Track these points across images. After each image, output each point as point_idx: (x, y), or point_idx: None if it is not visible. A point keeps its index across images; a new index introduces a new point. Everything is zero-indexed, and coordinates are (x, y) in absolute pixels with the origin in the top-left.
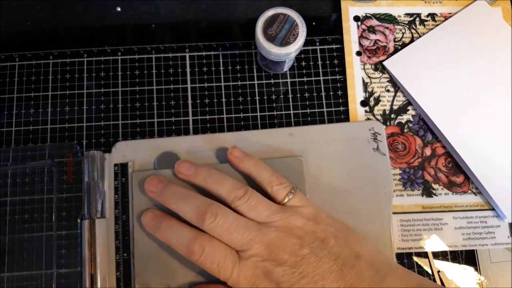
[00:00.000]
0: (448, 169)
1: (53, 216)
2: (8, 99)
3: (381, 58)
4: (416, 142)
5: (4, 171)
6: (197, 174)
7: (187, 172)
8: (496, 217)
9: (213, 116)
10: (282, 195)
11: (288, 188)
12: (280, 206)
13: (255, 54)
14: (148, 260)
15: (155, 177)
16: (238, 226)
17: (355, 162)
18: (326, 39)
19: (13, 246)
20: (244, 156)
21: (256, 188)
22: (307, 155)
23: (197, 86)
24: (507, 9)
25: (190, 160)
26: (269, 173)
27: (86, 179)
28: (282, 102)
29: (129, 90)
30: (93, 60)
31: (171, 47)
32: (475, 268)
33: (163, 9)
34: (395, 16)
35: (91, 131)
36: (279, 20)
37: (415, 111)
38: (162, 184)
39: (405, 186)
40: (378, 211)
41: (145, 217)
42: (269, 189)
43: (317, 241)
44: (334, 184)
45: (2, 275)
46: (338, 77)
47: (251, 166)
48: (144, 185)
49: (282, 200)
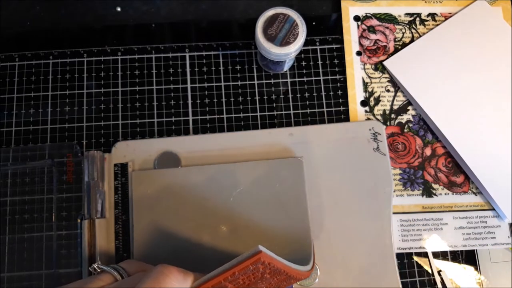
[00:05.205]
0: (448, 169)
1: (53, 216)
2: (8, 99)
3: (381, 58)
4: (416, 142)
5: (4, 171)
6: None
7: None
8: (496, 217)
9: (213, 116)
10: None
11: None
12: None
13: (255, 54)
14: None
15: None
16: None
17: (355, 162)
18: (326, 39)
19: (13, 246)
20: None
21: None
22: (307, 155)
23: (197, 86)
24: (507, 9)
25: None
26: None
27: (86, 179)
28: (282, 102)
29: (129, 90)
30: (93, 60)
31: (171, 47)
32: (475, 268)
33: (163, 9)
34: (395, 16)
35: (91, 131)
36: (279, 20)
37: (415, 111)
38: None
39: (405, 186)
40: (378, 211)
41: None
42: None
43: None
44: (334, 184)
45: (2, 275)
46: (338, 77)
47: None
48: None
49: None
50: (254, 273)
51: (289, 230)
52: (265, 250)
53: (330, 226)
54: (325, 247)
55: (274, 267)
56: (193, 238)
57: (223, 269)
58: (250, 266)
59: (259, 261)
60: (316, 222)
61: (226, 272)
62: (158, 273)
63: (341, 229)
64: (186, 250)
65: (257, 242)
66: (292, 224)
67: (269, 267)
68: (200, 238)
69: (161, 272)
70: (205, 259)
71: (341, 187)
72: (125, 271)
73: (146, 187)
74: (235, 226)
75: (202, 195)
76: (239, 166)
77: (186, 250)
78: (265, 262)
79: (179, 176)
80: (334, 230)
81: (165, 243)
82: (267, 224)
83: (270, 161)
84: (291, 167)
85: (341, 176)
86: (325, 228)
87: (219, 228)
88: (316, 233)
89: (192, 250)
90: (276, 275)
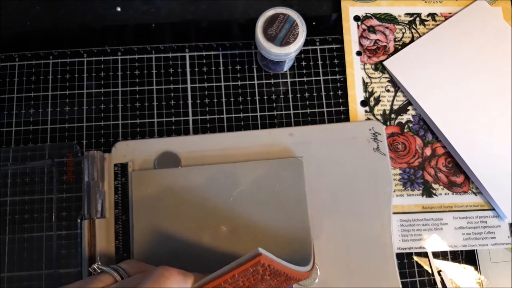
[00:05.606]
0: (448, 169)
1: (53, 216)
2: (8, 99)
3: (381, 58)
4: (416, 142)
5: (4, 171)
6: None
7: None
8: (496, 217)
9: (213, 116)
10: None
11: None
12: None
13: (255, 54)
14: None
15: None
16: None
17: (355, 162)
18: (326, 39)
19: (13, 246)
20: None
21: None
22: (307, 155)
23: (197, 86)
24: (507, 9)
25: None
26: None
27: (86, 179)
28: (282, 102)
29: (129, 90)
30: (93, 60)
31: (171, 47)
32: (475, 268)
33: (163, 9)
34: (395, 16)
35: (91, 131)
36: (279, 20)
37: (415, 111)
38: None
39: (405, 186)
40: (378, 211)
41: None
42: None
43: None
44: (334, 184)
45: (2, 275)
46: (338, 77)
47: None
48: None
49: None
50: (253, 275)
51: (289, 230)
52: (265, 252)
53: (330, 226)
54: (325, 247)
55: (274, 269)
56: (193, 238)
57: (223, 272)
58: (249, 268)
59: (259, 264)
60: (316, 222)
61: (226, 274)
62: (158, 275)
63: (341, 229)
64: (186, 249)
65: (257, 241)
66: (292, 224)
67: (268, 269)
68: (200, 238)
69: (161, 274)
70: (205, 259)
71: (341, 187)
72: (125, 271)
73: (146, 187)
74: (235, 226)
75: (202, 195)
76: (239, 166)
77: (186, 249)
78: (264, 264)
79: (179, 176)
80: (334, 230)
81: (165, 243)
82: (267, 224)
83: (270, 161)
84: (291, 167)
85: (341, 176)
86: (325, 228)
87: (219, 228)
88: (316, 233)
89: (192, 250)
90: (276, 277)
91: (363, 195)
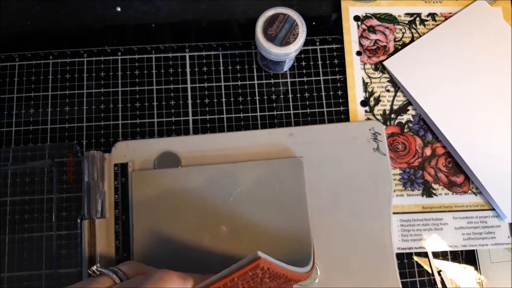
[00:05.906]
0: (448, 169)
1: (53, 216)
2: (8, 99)
3: (381, 58)
4: (416, 142)
5: (4, 171)
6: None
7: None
8: (496, 217)
9: (213, 116)
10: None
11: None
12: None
13: (255, 54)
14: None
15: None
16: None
17: (355, 162)
18: (326, 39)
19: (13, 246)
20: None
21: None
22: (307, 155)
23: (197, 86)
24: (507, 9)
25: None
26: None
27: (86, 179)
28: (282, 102)
29: (129, 90)
30: (93, 60)
31: (171, 47)
32: (475, 268)
33: (163, 9)
34: (395, 16)
35: (91, 131)
36: (279, 20)
37: (415, 111)
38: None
39: (405, 186)
40: (378, 211)
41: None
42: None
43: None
44: (334, 184)
45: (2, 275)
46: (338, 77)
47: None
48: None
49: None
50: (253, 278)
51: (289, 230)
52: (264, 255)
53: (330, 226)
54: (325, 247)
55: (273, 271)
56: (193, 238)
57: (222, 275)
58: (249, 272)
59: (258, 267)
60: (316, 222)
61: (225, 278)
62: (158, 278)
63: (341, 229)
64: (186, 249)
65: (257, 241)
66: (292, 224)
67: (268, 272)
68: (200, 238)
69: (161, 277)
70: (205, 259)
71: (341, 187)
72: (124, 274)
73: (146, 187)
74: (235, 226)
75: (202, 195)
76: (239, 166)
77: (186, 249)
78: (264, 268)
79: (179, 176)
80: (334, 230)
81: (165, 243)
82: (267, 224)
83: (270, 161)
84: (291, 167)
85: (341, 176)
86: (325, 228)
87: (219, 228)
88: (316, 233)
89: (192, 250)
90: (276, 279)
91: (363, 195)
